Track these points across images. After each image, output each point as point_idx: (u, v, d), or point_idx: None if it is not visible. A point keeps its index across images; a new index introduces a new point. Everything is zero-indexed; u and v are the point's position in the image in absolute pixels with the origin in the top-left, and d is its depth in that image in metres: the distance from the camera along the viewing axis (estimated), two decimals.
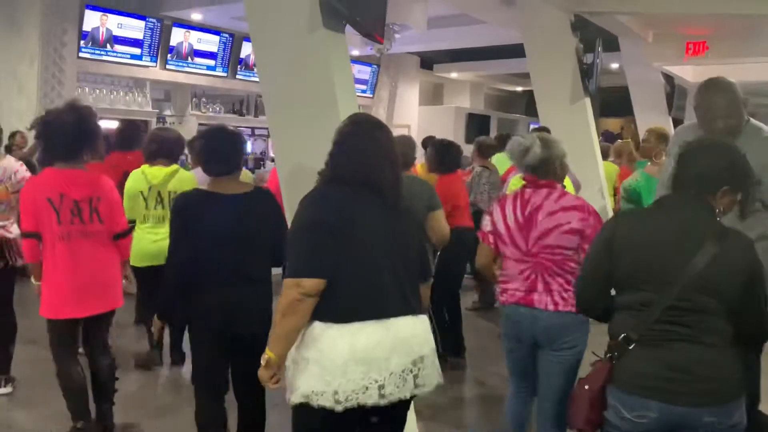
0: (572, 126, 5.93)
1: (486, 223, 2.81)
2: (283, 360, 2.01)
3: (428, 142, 8.25)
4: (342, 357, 1.92)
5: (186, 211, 2.63)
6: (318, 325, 1.96)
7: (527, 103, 14.75)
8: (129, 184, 3.96)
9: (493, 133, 14.46)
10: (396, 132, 9.68)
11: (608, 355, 1.94)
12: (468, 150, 12.94)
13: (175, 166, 4.04)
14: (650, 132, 4.95)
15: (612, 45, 7.74)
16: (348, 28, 3.14)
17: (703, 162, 1.95)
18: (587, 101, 5.96)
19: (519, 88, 14.76)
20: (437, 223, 3.67)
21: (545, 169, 2.73)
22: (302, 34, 3.03)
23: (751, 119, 2.66)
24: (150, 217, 3.95)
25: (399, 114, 12.36)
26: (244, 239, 2.61)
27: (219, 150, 2.68)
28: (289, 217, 2.85)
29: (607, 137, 15.04)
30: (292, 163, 3.25)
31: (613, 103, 12.16)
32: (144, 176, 3.97)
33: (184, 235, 2.60)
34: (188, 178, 4.01)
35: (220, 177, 2.67)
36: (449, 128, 12.88)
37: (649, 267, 1.90)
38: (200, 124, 8.90)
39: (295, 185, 3.24)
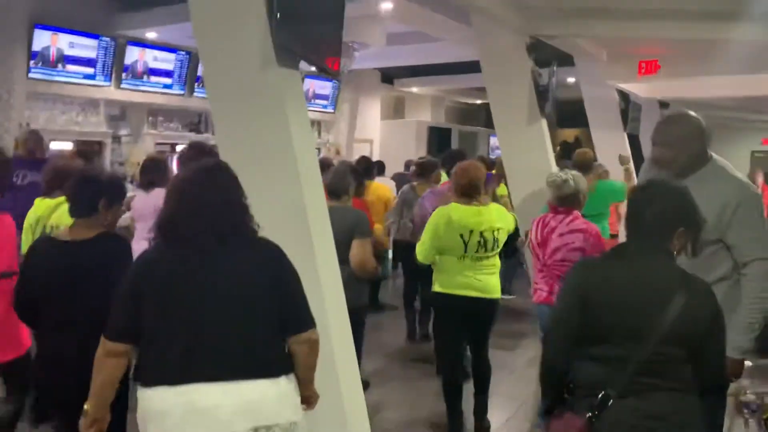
0: (529, 147, 5.99)
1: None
2: (103, 414, 2.02)
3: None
4: (142, 420, 1.95)
5: (28, 255, 2.69)
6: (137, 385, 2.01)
7: (487, 116, 14.89)
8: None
9: (455, 145, 14.56)
10: (358, 148, 9.68)
11: (588, 413, 1.92)
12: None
13: (61, 198, 3.60)
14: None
15: (569, 60, 7.88)
16: None
17: (658, 207, 1.99)
18: (543, 122, 6.02)
19: (479, 101, 14.89)
20: (355, 250, 3.56)
21: (572, 200, 3.52)
22: (255, 73, 2.97)
23: (715, 157, 2.66)
24: None
25: (361, 129, 12.36)
26: (68, 288, 2.52)
27: (71, 193, 2.69)
28: None
29: (564, 147, 15.32)
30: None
31: (568, 113, 12.35)
32: (34, 209, 3.78)
33: (22, 278, 2.66)
34: None
35: (77, 219, 2.63)
36: (411, 142, 12.92)
37: (624, 323, 1.92)
38: (157, 143, 8.75)
39: None
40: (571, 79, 9.38)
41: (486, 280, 3.68)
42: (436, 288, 3.75)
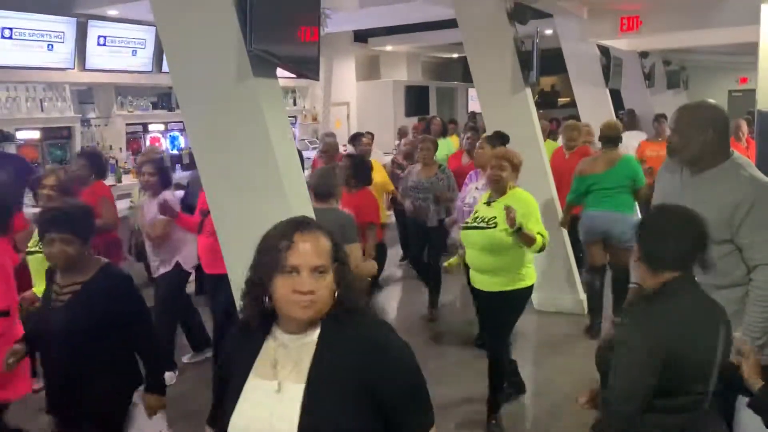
0: (514, 117, 5.85)
1: None
2: None
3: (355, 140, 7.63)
4: None
5: None
6: None
7: (464, 70, 14.62)
8: None
9: (433, 102, 14.31)
10: (335, 112, 9.37)
11: None
12: (405, 123, 12.76)
13: None
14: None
15: (549, 17, 7.66)
16: None
17: (685, 241, 1.94)
18: (528, 92, 5.88)
19: (455, 55, 14.59)
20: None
21: None
22: (230, 85, 2.80)
23: (736, 154, 2.54)
24: None
25: (337, 92, 12.05)
26: None
27: None
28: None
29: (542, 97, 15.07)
30: (231, 218, 3.06)
31: (547, 61, 12.14)
32: None
33: None
34: None
35: None
36: (389, 102, 12.68)
37: (699, 369, 1.87)
38: (128, 124, 8.46)
39: (235, 243, 3.07)
40: (548, 31, 9.19)
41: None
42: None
